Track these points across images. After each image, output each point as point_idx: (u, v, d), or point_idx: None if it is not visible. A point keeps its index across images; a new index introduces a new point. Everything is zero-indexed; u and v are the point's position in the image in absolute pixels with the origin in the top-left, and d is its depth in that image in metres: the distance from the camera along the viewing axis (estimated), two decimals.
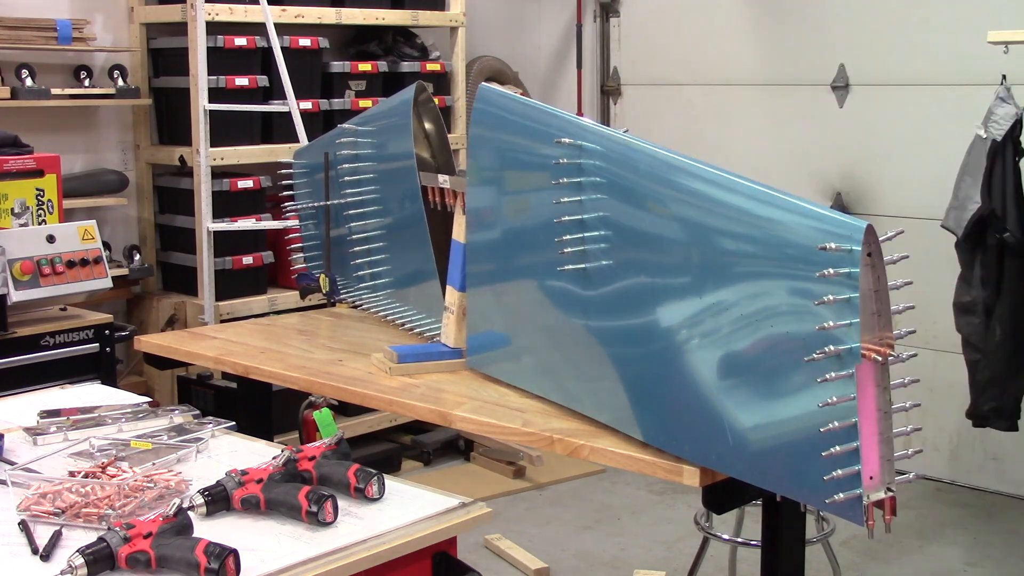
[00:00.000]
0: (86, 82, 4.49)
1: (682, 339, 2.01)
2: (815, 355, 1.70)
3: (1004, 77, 3.77)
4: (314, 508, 1.85)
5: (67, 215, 4.05)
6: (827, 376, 1.70)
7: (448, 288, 2.78)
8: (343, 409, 4.19)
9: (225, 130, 4.46)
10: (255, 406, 3.18)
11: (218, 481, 1.93)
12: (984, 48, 3.79)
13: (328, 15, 4.89)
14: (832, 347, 1.68)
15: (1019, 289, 3.79)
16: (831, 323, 1.68)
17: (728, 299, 1.88)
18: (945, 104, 4.67)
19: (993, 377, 3.83)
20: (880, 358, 1.71)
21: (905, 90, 4.85)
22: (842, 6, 5.04)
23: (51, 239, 3.68)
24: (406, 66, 5.19)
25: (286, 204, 3.56)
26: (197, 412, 2.44)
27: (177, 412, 2.43)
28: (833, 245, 1.68)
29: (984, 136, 3.79)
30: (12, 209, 3.75)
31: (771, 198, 1.85)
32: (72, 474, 2.03)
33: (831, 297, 1.68)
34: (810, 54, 5.14)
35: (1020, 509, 4.60)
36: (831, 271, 1.68)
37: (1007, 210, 3.75)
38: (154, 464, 2.11)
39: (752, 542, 3.14)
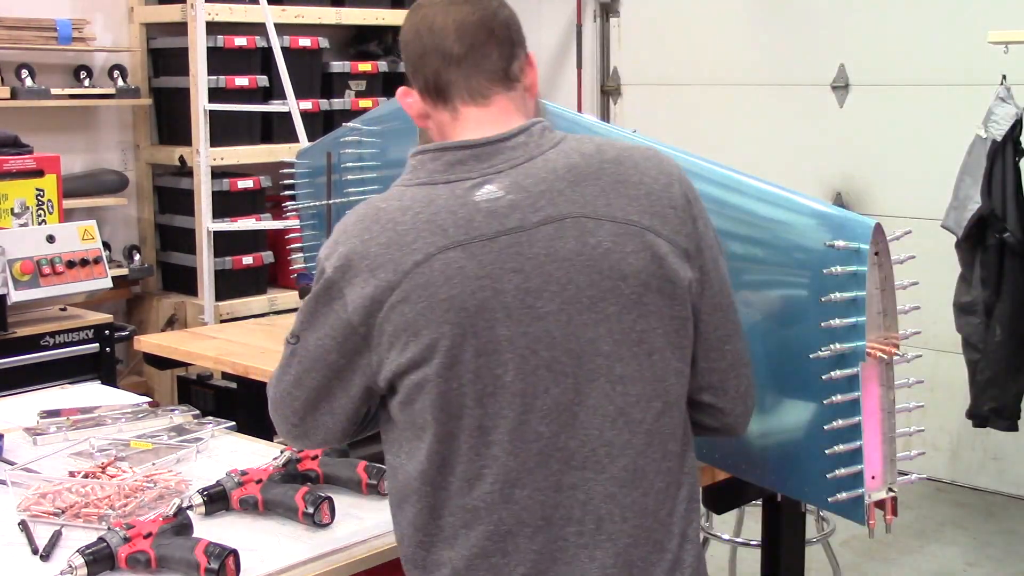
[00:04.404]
0: (86, 82, 4.49)
1: None
2: (820, 352, 1.70)
3: (1004, 77, 3.77)
4: (310, 510, 1.85)
5: (67, 215, 4.05)
6: (832, 374, 1.69)
7: None
8: None
9: (225, 130, 4.47)
10: (255, 406, 3.16)
11: (217, 481, 1.93)
12: (984, 48, 3.79)
13: (328, 15, 4.89)
14: (837, 345, 1.68)
15: (1019, 289, 3.79)
16: (837, 321, 1.68)
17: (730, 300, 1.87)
18: (945, 104, 4.66)
19: (993, 377, 3.83)
20: (885, 357, 1.71)
21: (905, 90, 4.85)
22: (842, 6, 5.03)
23: (51, 239, 3.68)
24: None
25: (287, 204, 3.56)
26: (197, 412, 2.44)
27: (177, 412, 2.43)
28: (841, 243, 1.68)
29: (984, 136, 3.79)
30: (12, 209, 3.75)
31: (779, 199, 1.85)
32: (72, 474, 2.03)
33: (837, 295, 1.67)
34: (810, 54, 5.14)
35: (1020, 509, 4.60)
36: (838, 269, 1.67)
37: (1007, 210, 3.74)
38: (154, 464, 2.11)
39: (752, 542, 3.13)
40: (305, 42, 4.76)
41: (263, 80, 4.61)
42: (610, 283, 1.52)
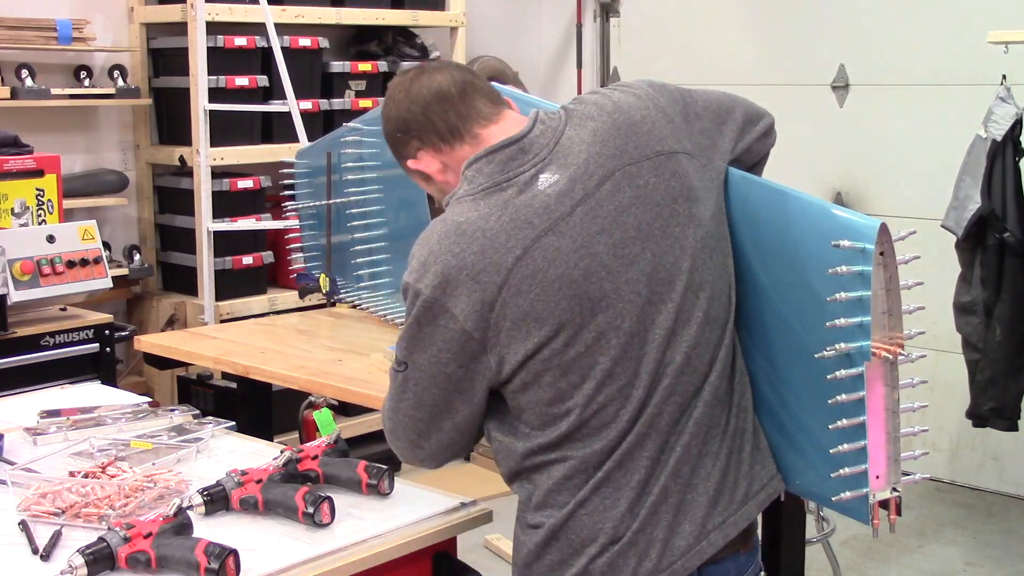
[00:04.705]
0: (86, 82, 4.48)
1: None
2: (825, 352, 1.69)
3: (1004, 77, 3.77)
4: (310, 509, 1.85)
5: (67, 215, 4.05)
6: (837, 374, 1.69)
7: None
8: (343, 409, 4.16)
9: (225, 130, 4.46)
10: (255, 406, 3.17)
11: (217, 481, 1.93)
12: (984, 48, 3.79)
13: (328, 15, 4.89)
14: (843, 344, 1.68)
15: (1019, 289, 3.79)
16: (842, 321, 1.67)
17: (737, 298, 1.87)
18: (945, 104, 4.66)
19: (993, 377, 3.83)
20: (890, 357, 1.70)
21: (905, 90, 4.85)
22: (842, 6, 5.03)
23: (51, 239, 3.67)
24: (406, 66, 5.19)
25: (287, 204, 3.55)
26: (197, 412, 2.44)
27: (177, 412, 2.43)
28: (846, 243, 1.67)
29: (984, 136, 3.78)
30: (12, 209, 3.75)
31: (784, 198, 1.85)
32: (72, 474, 2.03)
33: (843, 295, 1.67)
34: (810, 54, 5.14)
35: (1020, 509, 4.60)
36: (844, 268, 1.67)
37: (1007, 210, 3.74)
38: (154, 464, 2.11)
39: None
40: (305, 42, 4.75)
41: (263, 80, 4.61)
42: (668, 210, 1.72)
